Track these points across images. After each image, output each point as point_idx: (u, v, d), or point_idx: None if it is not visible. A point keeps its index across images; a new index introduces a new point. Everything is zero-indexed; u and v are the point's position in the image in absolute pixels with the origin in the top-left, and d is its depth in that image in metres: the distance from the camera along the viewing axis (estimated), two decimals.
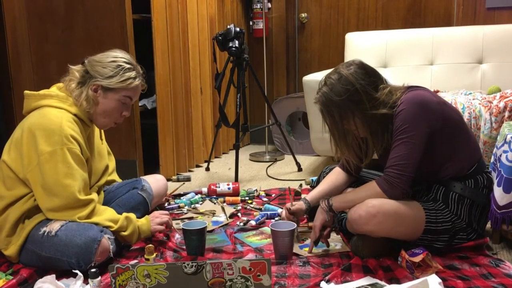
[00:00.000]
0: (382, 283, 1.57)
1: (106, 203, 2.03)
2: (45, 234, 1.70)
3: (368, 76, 1.74)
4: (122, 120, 1.93)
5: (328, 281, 1.60)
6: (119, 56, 1.85)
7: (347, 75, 1.72)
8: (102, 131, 2.08)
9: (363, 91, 1.71)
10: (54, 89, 1.85)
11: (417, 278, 1.56)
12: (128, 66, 1.83)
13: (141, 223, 1.87)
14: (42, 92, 1.84)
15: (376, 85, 1.75)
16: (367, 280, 1.60)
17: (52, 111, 1.77)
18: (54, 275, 1.55)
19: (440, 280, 1.43)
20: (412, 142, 1.68)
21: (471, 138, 1.83)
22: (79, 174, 1.74)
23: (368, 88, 1.72)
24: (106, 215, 1.79)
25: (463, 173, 1.78)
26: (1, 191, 1.78)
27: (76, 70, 1.84)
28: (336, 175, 2.03)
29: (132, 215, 1.87)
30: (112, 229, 1.77)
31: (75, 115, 1.80)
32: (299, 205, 1.99)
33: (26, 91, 1.85)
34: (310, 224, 2.01)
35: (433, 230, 1.73)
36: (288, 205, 2.01)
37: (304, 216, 2.08)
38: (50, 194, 1.70)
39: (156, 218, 1.93)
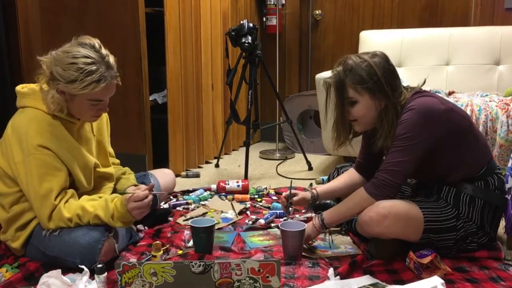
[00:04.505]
0: (383, 284, 1.54)
1: None
2: (49, 233, 1.69)
3: (389, 73, 1.72)
4: (102, 114, 1.77)
5: (336, 274, 1.59)
6: (80, 54, 1.63)
7: (372, 63, 1.70)
8: (93, 125, 1.88)
9: (381, 84, 1.69)
10: (33, 86, 1.74)
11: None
12: (89, 68, 1.61)
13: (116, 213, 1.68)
14: (25, 90, 1.74)
15: (395, 84, 1.73)
16: (367, 280, 1.57)
17: (28, 114, 1.69)
18: (59, 270, 1.53)
19: (442, 281, 1.42)
20: (409, 152, 1.65)
21: (480, 140, 1.78)
22: (55, 180, 1.67)
23: (386, 84, 1.70)
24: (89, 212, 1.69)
25: (473, 175, 1.74)
26: (3, 189, 1.76)
27: (45, 64, 1.67)
28: (349, 174, 2.01)
29: (104, 211, 1.69)
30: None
31: (53, 115, 1.69)
32: (305, 194, 1.96)
33: (16, 88, 1.76)
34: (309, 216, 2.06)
35: (435, 229, 1.69)
36: (285, 194, 1.97)
37: (303, 210, 2.05)
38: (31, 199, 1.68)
39: (135, 206, 1.67)
